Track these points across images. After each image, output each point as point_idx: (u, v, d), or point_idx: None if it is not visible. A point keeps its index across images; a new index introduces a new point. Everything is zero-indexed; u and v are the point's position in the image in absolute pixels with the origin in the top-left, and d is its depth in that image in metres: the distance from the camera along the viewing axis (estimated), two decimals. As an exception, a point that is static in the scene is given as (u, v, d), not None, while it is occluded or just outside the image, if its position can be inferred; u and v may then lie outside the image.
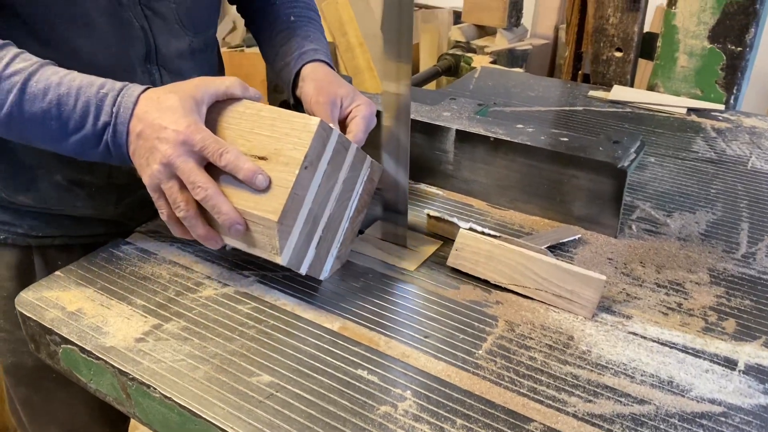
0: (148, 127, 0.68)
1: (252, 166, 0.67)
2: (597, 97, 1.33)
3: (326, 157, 0.69)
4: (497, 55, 2.17)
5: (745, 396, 0.61)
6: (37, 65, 0.70)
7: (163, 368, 0.64)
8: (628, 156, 0.84)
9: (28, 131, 0.71)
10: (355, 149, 0.74)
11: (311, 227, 0.71)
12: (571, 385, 0.63)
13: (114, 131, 0.69)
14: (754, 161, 1.06)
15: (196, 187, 0.67)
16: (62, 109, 0.69)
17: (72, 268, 0.79)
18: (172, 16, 0.87)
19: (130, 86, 0.71)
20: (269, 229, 0.67)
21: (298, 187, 0.67)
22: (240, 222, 0.68)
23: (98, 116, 0.69)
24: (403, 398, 0.61)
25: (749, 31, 1.22)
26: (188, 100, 0.70)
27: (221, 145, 0.68)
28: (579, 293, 0.71)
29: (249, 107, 0.73)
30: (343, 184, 0.73)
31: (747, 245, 0.84)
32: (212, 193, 0.67)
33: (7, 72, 0.69)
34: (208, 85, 0.72)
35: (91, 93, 0.69)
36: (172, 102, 0.69)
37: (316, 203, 0.70)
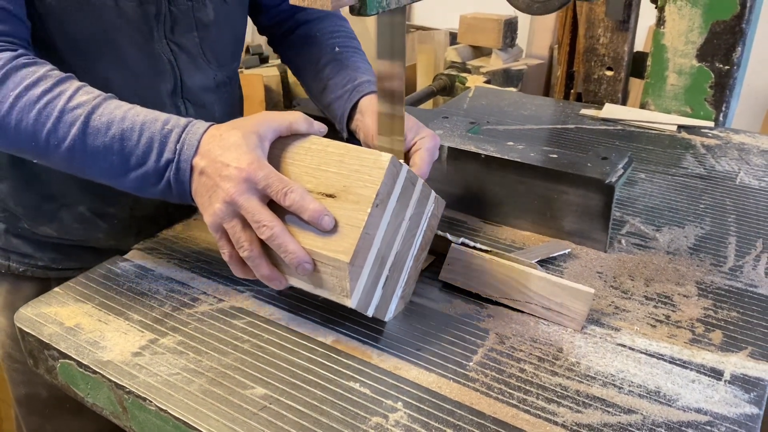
0: (210, 164, 0.66)
1: (318, 206, 0.64)
2: (589, 115, 1.35)
3: (395, 194, 0.66)
4: (492, 75, 2.20)
5: (731, 405, 0.62)
6: (101, 99, 0.70)
7: (159, 382, 0.66)
8: (616, 172, 0.85)
9: (89, 165, 0.70)
10: (421, 184, 0.70)
11: (379, 267, 0.67)
12: (560, 396, 0.64)
13: (177, 168, 0.68)
14: (743, 177, 1.08)
15: (261, 226, 0.64)
16: (125, 144, 0.68)
17: (70, 285, 0.81)
18: (196, 50, 0.88)
19: (195, 123, 0.70)
20: (339, 270, 0.64)
21: (369, 226, 0.63)
22: (308, 261, 0.65)
23: (161, 153, 0.68)
24: (395, 409, 0.62)
25: (736, 50, 1.24)
26: (251, 136, 0.67)
27: (286, 184, 0.65)
28: (568, 306, 0.72)
29: (315, 142, 0.70)
30: (410, 221, 0.69)
31: (734, 259, 0.85)
32: (278, 231, 0.64)
33: (70, 105, 0.68)
34: (271, 120, 0.70)
35: (155, 129, 0.68)
36: (234, 138, 0.67)
37: (385, 242, 0.66)
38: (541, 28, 2.55)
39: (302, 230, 0.65)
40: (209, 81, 0.92)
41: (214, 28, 0.90)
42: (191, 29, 0.87)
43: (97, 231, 0.91)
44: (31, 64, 0.70)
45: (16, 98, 0.68)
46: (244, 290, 0.80)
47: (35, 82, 0.69)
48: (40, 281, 0.93)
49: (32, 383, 0.94)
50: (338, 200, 0.65)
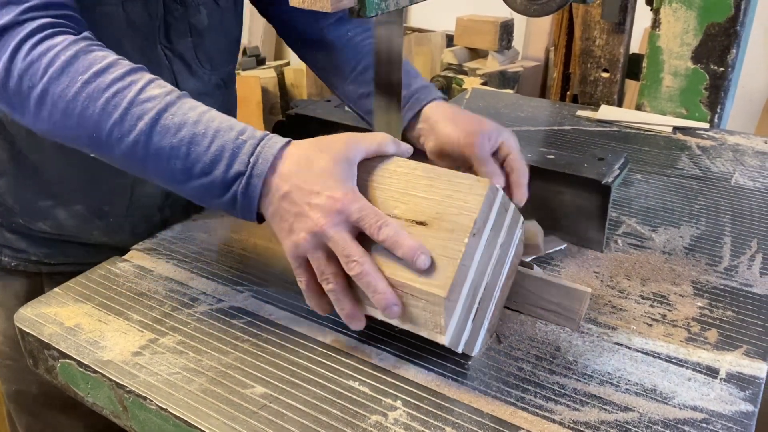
0: (297, 189, 0.62)
1: (413, 243, 0.60)
2: (585, 116, 1.36)
3: (490, 222, 0.62)
4: (488, 77, 2.21)
5: (726, 403, 0.63)
6: (175, 96, 0.66)
7: (159, 381, 0.66)
8: (613, 172, 0.86)
9: (150, 166, 0.65)
10: (513, 209, 0.65)
11: (471, 300, 0.62)
12: (558, 394, 0.64)
13: (248, 183, 0.63)
14: (738, 178, 1.09)
15: (350, 261, 0.60)
16: (192, 149, 0.63)
17: (70, 285, 0.81)
18: (190, 55, 0.89)
19: (271, 137, 0.65)
20: (434, 305, 0.59)
21: (466, 257, 0.59)
22: (397, 303, 0.61)
23: (231, 164, 0.63)
24: (394, 408, 0.62)
25: (731, 52, 1.25)
26: (342, 162, 0.63)
27: (380, 218, 0.61)
28: (565, 306, 0.73)
29: (401, 165, 0.66)
30: (500, 249, 0.65)
31: (729, 258, 0.86)
32: (369, 269, 0.60)
33: (141, 97, 0.64)
34: (359, 142, 0.66)
35: (228, 138, 0.64)
36: (325, 164, 0.63)
37: (478, 273, 0.62)
38: (537, 31, 2.56)
39: (392, 261, 0.61)
40: (204, 85, 0.92)
41: (208, 33, 0.90)
42: (185, 35, 0.87)
43: (92, 228, 0.91)
44: (100, 49, 0.67)
45: (85, 84, 0.64)
46: (243, 290, 0.80)
47: (105, 68, 0.65)
48: (30, 276, 0.93)
49: (22, 380, 0.94)
50: (430, 228, 0.61)
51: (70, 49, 0.65)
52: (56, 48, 0.65)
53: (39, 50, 0.65)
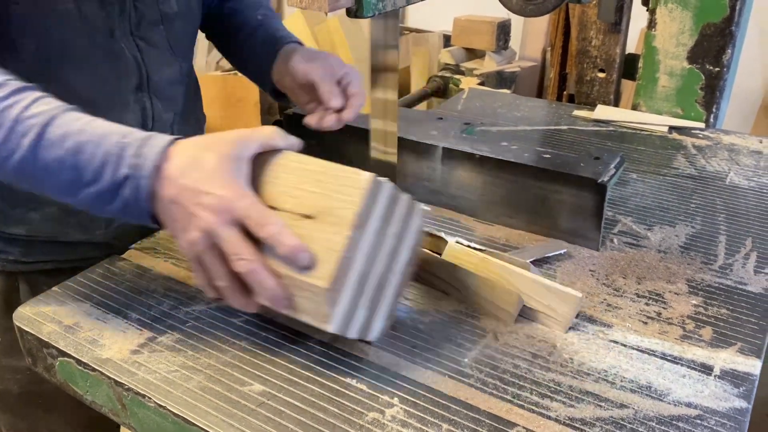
0: (185, 190, 0.62)
1: (294, 242, 0.60)
2: (581, 116, 1.36)
3: (377, 213, 0.63)
4: (486, 77, 2.22)
5: (720, 399, 0.63)
6: (60, 110, 0.65)
7: (158, 379, 0.66)
8: (608, 171, 0.87)
9: (40, 181, 0.65)
10: (406, 200, 0.67)
11: (359, 289, 0.64)
12: (554, 391, 0.65)
13: (136, 186, 0.63)
14: (733, 177, 1.10)
15: (239, 259, 0.61)
16: (78, 158, 0.63)
17: (69, 284, 0.81)
18: (163, 43, 0.89)
19: (155, 136, 0.65)
20: (318, 296, 0.61)
21: (349, 249, 0.61)
22: (286, 297, 0.63)
23: (117, 168, 0.63)
24: (391, 405, 0.63)
25: (726, 52, 1.26)
26: (229, 160, 0.63)
27: (264, 216, 0.62)
28: (555, 308, 0.73)
29: (292, 159, 0.67)
30: (394, 238, 0.66)
31: (724, 257, 0.87)
32: (256, 267, 0.61)
33: (25, 114, 0.63)
34: (247, 138, 0.66)
35: (112, 142, 0.64)
36: (212, 163, 0.63)
37: (367, 263, 0.64)
38: (534, 31, 2.57)
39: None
40: (176, 74, 0.93)
41: (178, 20, 0.90)
42: (157, 23, 0.87)
43: (67, 227, 0.90)
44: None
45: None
46: (241, 289, 0.80)
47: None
48: (5, 275, 0.92)
49: (3, 379, 0.94)
50: (317, 222, 0.62)
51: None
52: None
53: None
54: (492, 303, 0.75)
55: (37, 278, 0.93)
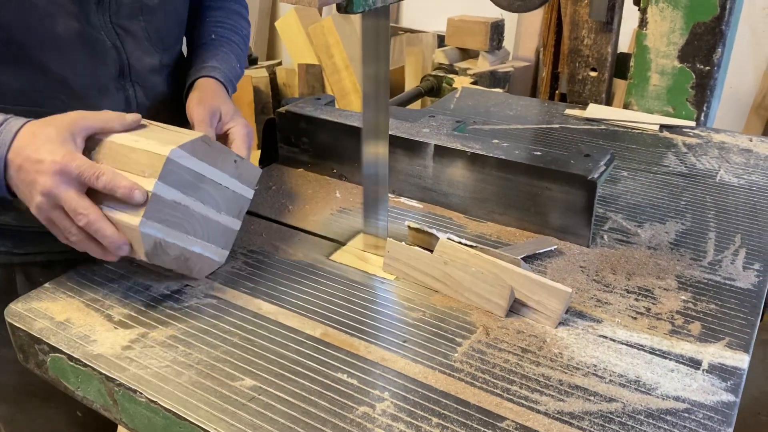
0: (26, 160, 0.70)
1: (128, 182, 0.70)
2: (573, 115, 1.37)
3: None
4: (479, 76, 2.22)
5: (708, 393, 0.64)
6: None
7: (149, 374, 0.66)
8: (598, 168, 0.87)
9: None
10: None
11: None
12: (543, 385, 0.65)
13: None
14: (723, 175, 1.10)
15: (77, 214, 0.69)
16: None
17: (61, 280, 0.81)
18: (142, 33, 0.90)
19: (10, 120, 0.72)
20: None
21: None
22: (125, 243, 0.71)
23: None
24: (382, 399, 0.63)
25: (716, 51, 1.27)
26: (64, 131, 0.71)
27: (97, 168, 0.70)
28: (545, 303, 0.74)
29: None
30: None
31: (714, 253, 0.87)
32: (93, 218, 0.70)
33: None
34: (83, 118, 0.74)
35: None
36: (48, 134, 0.71)
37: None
38: (527, 31, 2.58)
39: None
40: (156, 63, 0.94)
41: (159, 11, 0.91)
42: (137, 13, 0.88)
43: None
44: None
45: None
46: (233, 284, 0.81)
47: None
48: (2, 267, 0.93)
49: (1, 371, 0.94)
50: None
51: None
52: None
53: None
54: (483, 297, 0.76)
55: (32, 270, 0.93)
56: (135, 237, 0.71)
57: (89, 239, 0.72)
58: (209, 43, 1.01)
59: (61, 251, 0.93)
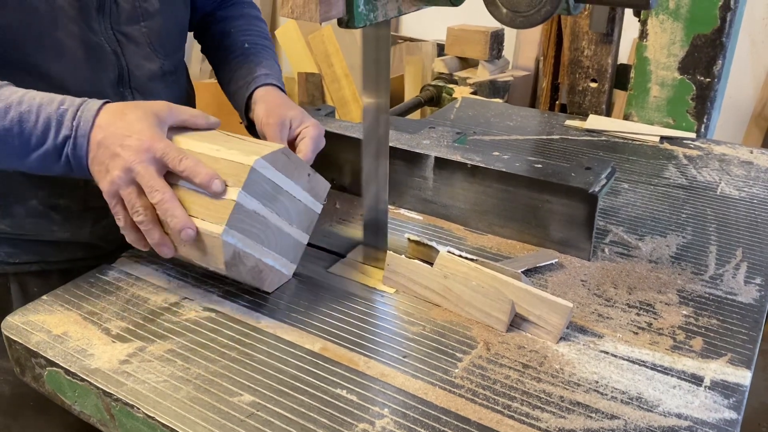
0: (110, 135, 0.71)
1: (209, 171, 0.70)
2: (573, 126, 1.37)
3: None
4: (479, 86, 2.22)
5: (710, 410, 0.63)
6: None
7: (147, 389, 0.66)
8: (600, 181, 0.87)
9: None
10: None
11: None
12: (544, 401, 0.65)
13: (74, 144, 0.72)
14: (723, 187, 1.10)
15: (153, 191, 0.70)
16: (24, 126, 0.71)
17: (58, 293, 0.81)
18: (143, 39, 0.90)
19: (89, 101, 0.74)
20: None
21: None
22: (191, 227, 0.71)
23: (59, 130, 0.72)
24: (381, 416, 0.63)
25: (717, 63, 1.27)
26: (151, 115, 0.73)
27: (181, 153, 0.71)
28: (546, 318, 0.73)
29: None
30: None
31: (715, 267, 0.87)
32: (168, 197, 0.70)
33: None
34: (173, 107, 0.76)
35: (51, 109, 0.72)
36: (137, 114, 0.72)
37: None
38: (527, 41, 2.58)
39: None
40: (156, 69, 0.93)
41: (159, 17, 0.91)
42: (137, 19, 0.88)
43: (52, 224, 0.91)
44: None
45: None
46: (231, 298, 0.80)
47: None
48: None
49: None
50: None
51: None
52: None
53: None
54: (484, 311, 0.75)
55: (27, 279, 0.93)
56: (216, 245, 0.71)
57: (154, 222, 0.72)
58: (247, 53, 1.02)
59: (55, 260, 0.93)
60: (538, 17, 0.54)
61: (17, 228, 0.90)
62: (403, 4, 0.66)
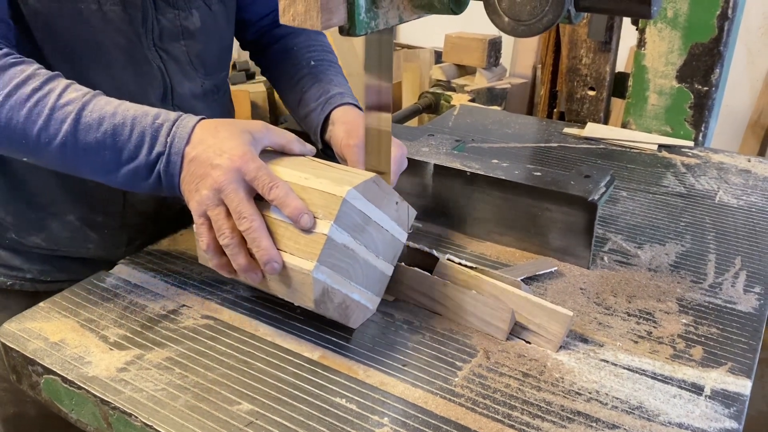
0: (202, 153, 0.68)
1: (300, 204, 0.67)
2: (571, 134, 1.37)
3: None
4: (476, 93, 2.23)
5: (711, 420, 0.63)
6: (90, 95, 0.71)
7: (145, 397, 0.65)
8: (599, 190, 0.87)
9: (82, 162, 0.71)
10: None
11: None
12: (545, 411, 0.64)
13: (167, 161, 0.69)
14: (722, 195, 1.10)
15: (241, 218, 0.67)
16: (117, 139, 0.69)
17: (56, 300, 0.80)
18: (184, 57, 0.89)
19: (185, 116, 0.72)
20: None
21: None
22: (278, 261, 0.67)
23: (153, 146, 0.70)
24: (381, 425, 0.62)
25: (714, 72, 1.27)
26: (247, 134, 0.70)
27: (273, 179, 0.68)
28: (546, 327, 0.73)
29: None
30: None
31: (714, 275, 0.87)
32: (257, 226, 0.67)
33: (60, 102, 0.69)
34: (269, 128, 0.73)
35: (146, 123, 0.70)
36: (230, 131, 0.70)
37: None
38: (524, 48, 2.59)
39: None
40: (197, 88, 0.93)
41: (200, 36, 0.91)
42: (178, 38, 0.88)
43: (87, 241, 0.90)
44: (19, 62, 0.71)
45: (6, 97, 0.69)
46: (229, 305, 0.80)
47: (24, 80, 0.70)
48: (28, 295, 0.91)
49: (20, 402, 0.93)
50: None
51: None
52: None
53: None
54: (484, 320, 0.75)
55: None
56: (305, 282, 0.67)
57: (241, 245, 0.68)
58: (314, 71, 0.98)
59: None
60: (540, 26, 0.54)
61: (52, 243, 0.89)
62: (404, 12, 0.66)
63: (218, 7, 0.94)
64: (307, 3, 0.56)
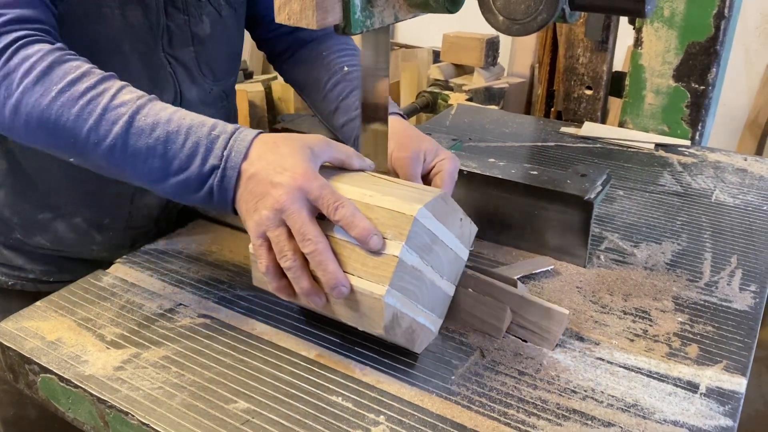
0: (262, 170, 0.65)
1: (368, 224, 0.63)
2: (568, 133, 1.37)
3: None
4: (474, 92, 2.23)
5: (706, 418, 0.63)
6: (146, 99, 0.68)
7: (141, 396, 0.65)
8: (595, 188, 0.87)
9: (129, 167, 0.68)
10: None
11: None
12: (540, 408, 0.64)
13: (222, 175, 0.66)
14: (718, 194, 1.11)
15: (305, 239, 0.63)
16: (168, 147, 0.66)
17: (52, 299, 0.80)
18: (192, 63, 0.89)
19: (242, 129, 0.68)
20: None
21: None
22: (345, 284, 0.63)
23: (206, 159, 0.66)
24: (377, 423, 0.62)
25: (711, 71, 1.27)
26: (306, 149, 0.67)
27: (338, 198, 0.64)
28: (542, 325, 0.73)
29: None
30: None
31: (710, 274, 0.87)
32: (322, 248, 0.63)
33: (114, 103, 0.66)
34: (329, 143, 0.70)
35: (202, 133, 0.67)
36: (291, 148, 0.66)
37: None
38: (522, 48, 2.59)
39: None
40: (206, 95, 0.93)
41: (210, 42, 0.91)
42: (187, 43, 0.88)
43: (91, 243, 0.91)
44: (74, 59, 0.69)
45: (59, 93, 0.66)
46: (226, 304, 0.80)
47: (79, 77, 0.67)
48: (29, 296, 0.91)
49: (21, 404, 0.93)
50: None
51: (45, 60, 0.67)
52: (31, 59, 0.67)
53: (15, 61, 0.67)
54: (480, 318, 0.75)
55: None
56: (375, 307, 0.63)
57: (303, 268, 0.64)
58: (349, 77, 0.94)
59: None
60: (535, 25, 0.54)
61: (56, 244, 0.89)
62: (399, 11, 0.66)
63: (228, 12, 0.93)
64: (303, 2, 0.56)
